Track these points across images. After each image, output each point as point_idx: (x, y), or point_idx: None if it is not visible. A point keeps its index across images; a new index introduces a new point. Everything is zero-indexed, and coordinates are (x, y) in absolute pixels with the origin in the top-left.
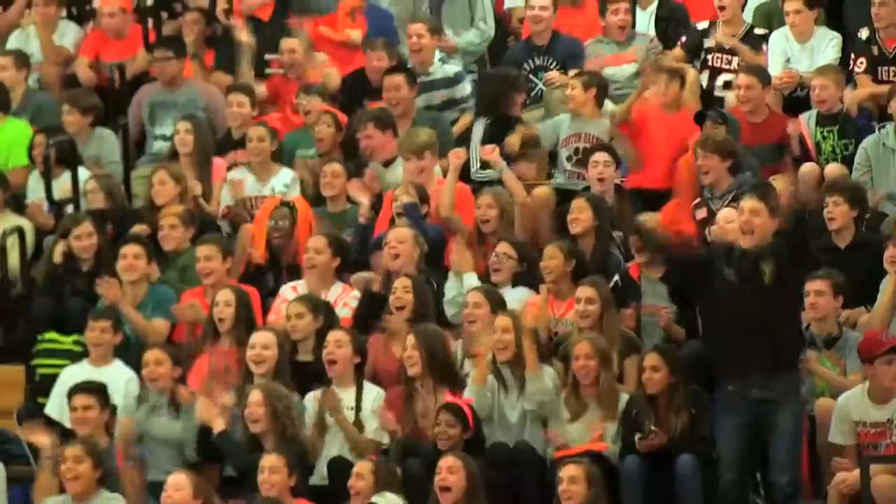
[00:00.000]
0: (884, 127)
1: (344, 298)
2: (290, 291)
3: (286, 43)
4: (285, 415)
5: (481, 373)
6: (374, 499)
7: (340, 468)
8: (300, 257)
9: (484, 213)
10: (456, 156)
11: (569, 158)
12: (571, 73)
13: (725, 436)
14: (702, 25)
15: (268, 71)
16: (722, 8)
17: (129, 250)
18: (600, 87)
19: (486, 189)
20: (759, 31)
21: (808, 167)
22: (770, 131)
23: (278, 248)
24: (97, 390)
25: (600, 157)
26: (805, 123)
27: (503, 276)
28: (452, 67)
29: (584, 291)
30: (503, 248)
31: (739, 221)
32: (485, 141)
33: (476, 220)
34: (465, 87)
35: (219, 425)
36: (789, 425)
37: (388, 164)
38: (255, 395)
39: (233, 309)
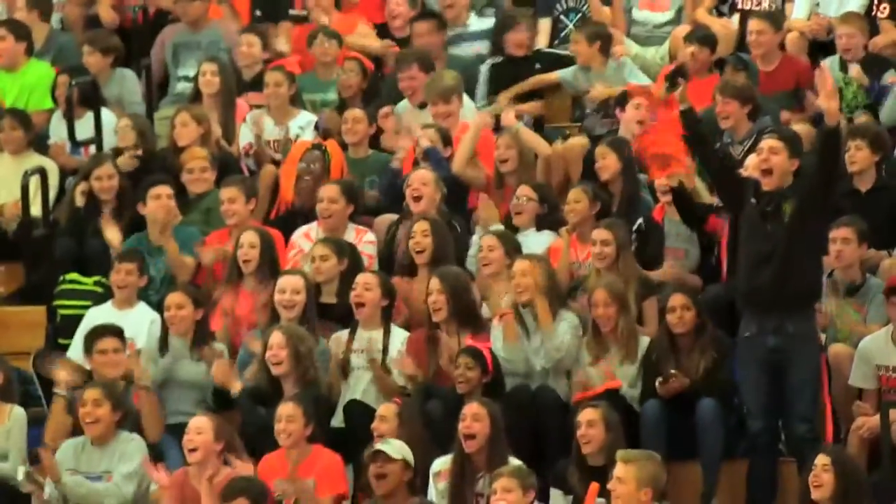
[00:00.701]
0: None
1: (358, 242)
2: (303, 239)
3: None
4: (307, 357)
5: (512, 331)
6: (378, 445)
7: (357, 412)
8: None
9: (502, 154)
10: (481, 118)
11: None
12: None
13: (748, 385)
14: None
15: (291, 12)
16: None
17: (163, 190)
18: (604, 39)
19: (504, 131)
20: None
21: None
22: (784, 78)
23: (305, 191)
24: (122, 333)
25: (640, 99)
26: (829, 69)
27: (525, 219)
28: (489, 21)
29: (600, 234)
30: (524, 190)
31: (757, 161)
32: (489, 83)
33: (495, 162)
34: None
35: (236, 388)
36: (806, 373)
37: (424, 105)
38: (277, 338)
39: (257, 251)
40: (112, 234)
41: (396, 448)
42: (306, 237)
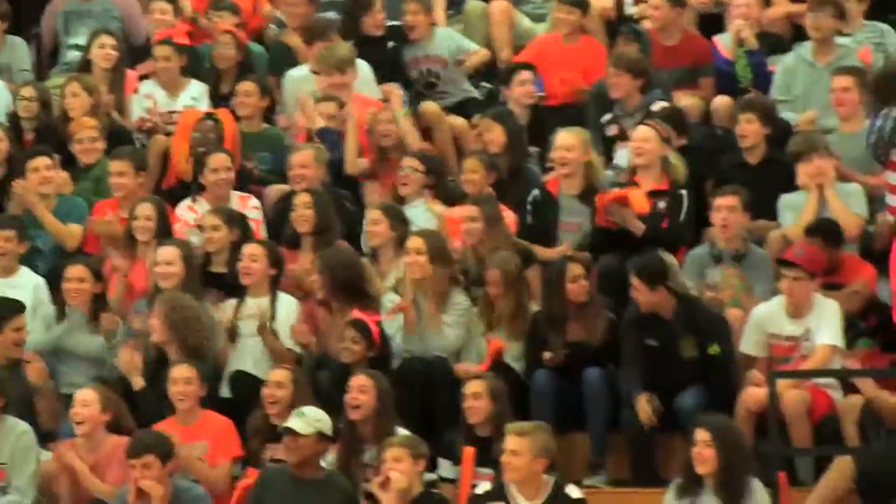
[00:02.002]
0: (801, 45)
1: (244, 208)
2: (187, 212)
3: None
4: (183, 325)
5: (410, 324)
6: (289, 422)
7: (244, 382)
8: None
9: (384, 129)
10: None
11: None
12: None
13: (630, 353)
14: None
15: None
16: None
17: (41, 163)
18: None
19: (385, 105)
20: None
21: (720, 100)
22: (685, 53)
23: (199, 161)
24: (23, 308)
25: (527, 75)
26: (722, 43)
27: (411, 190)
28: None
29: (466, 210)
30: (408, 161)
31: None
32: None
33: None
34: None
35: (138, 383)
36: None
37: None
38: (154, 308)
39: (153, 223)
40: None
41: (309, 421)
42: (190, 210)
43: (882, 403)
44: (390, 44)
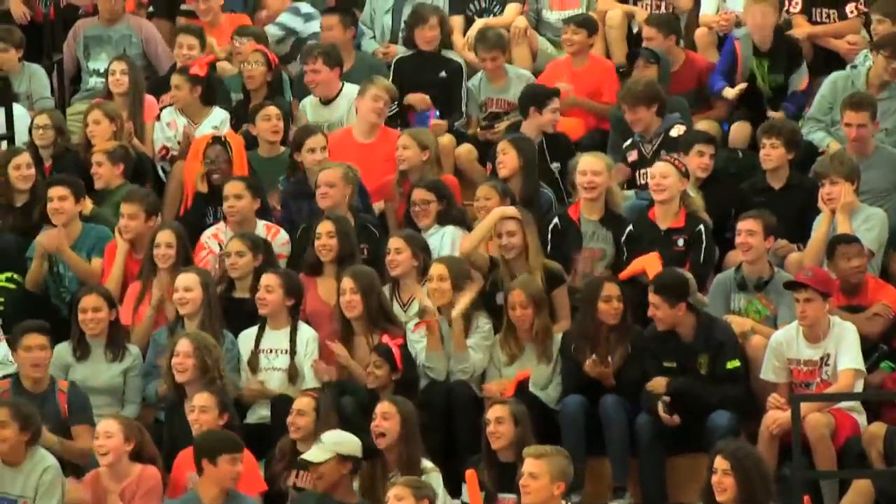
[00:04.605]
0: (855, 67)
1: (272, 241)
2: (211, 240)
3: None
4: (213, 367)
5: (435, 340)
6: (304, 455)
7: (283, 406)
8: None
9: (400, 154)
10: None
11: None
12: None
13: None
14: None
15: (182, 7)
16: None
17: (55, 192)
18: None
19: (406, 131)
20: None
21: (737, 128)
22: (686, 78)
23: (218, 184)
24: (48, 330)
25: (559, 103)
26: (741, 43)
27: (427, 220)
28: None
29: (506, 225)
30: (419, 194)
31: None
32: (395, 79)
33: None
34: None
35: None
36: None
37: (329, 101)
38: (184, 346)
39: (174, 250)
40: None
41: (326, 446)
42: (214, 237)
43: None
44: (443, 73)
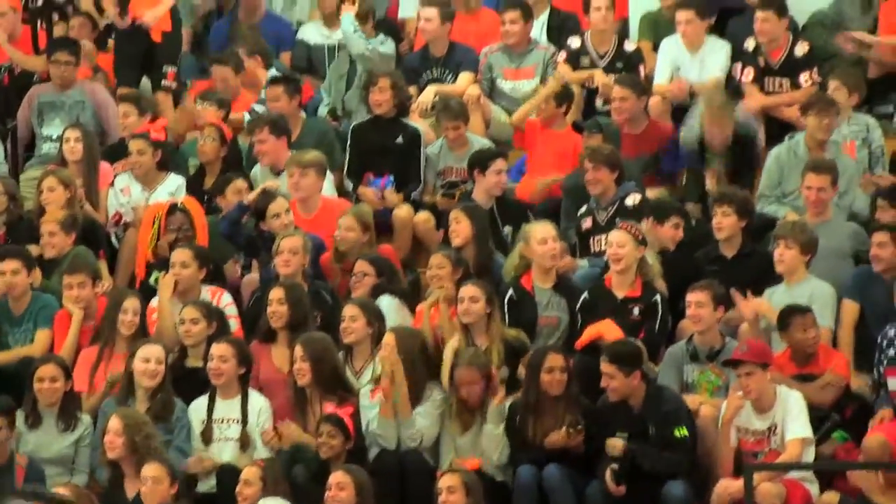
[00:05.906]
0: (793, 136)
1: (218, 304)
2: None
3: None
4: (143, 445)
5: (387, 407)
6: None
7: (230, 476)
8: None
9: (343, 235)
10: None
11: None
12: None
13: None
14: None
15: (164, 83)
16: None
17: (7, 266)
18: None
19: (350, 209)
20: (628, 46)
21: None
22: (650, 141)
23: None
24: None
25: (502, 164)
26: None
27: (363, 291)
28: None
29: (468, 290)
30: (361, 266)
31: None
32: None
33: (335, 240)
34: None
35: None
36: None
37: (279, 171)
38: (114, 424)
39: (138, 318)
40: None
41: None
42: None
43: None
44: (399, 139)
